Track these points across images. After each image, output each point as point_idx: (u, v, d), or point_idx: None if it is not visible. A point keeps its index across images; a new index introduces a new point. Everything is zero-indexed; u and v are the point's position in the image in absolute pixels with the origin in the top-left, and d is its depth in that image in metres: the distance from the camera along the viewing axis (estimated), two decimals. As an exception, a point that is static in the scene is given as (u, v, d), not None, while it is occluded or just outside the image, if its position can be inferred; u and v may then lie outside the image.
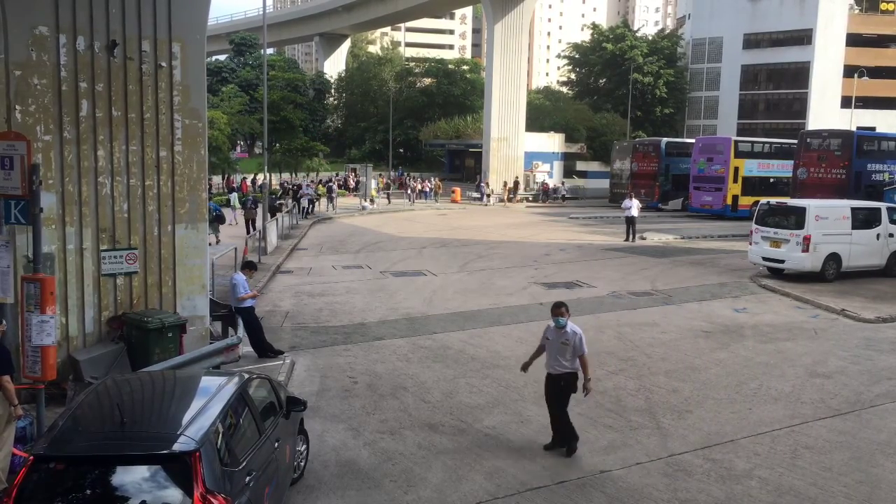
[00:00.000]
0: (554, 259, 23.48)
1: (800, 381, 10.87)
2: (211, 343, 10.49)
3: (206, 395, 5.89)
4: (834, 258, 18.48)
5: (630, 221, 27.88)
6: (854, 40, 61.85)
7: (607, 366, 11.62)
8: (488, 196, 46.86)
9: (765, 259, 19.29)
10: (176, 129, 10.29)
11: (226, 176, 45.83)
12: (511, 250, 25.49)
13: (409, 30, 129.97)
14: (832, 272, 18.54)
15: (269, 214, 30.35)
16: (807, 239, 18.13)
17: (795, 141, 37.68)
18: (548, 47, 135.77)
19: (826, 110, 60.19)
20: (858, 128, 46.69)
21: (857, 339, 13.30)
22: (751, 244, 19.79)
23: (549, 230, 32.33)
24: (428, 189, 48.17)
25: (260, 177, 48.41)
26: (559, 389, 8.42)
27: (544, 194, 49.53)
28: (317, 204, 37.90)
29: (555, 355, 8.35)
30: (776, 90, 65.30)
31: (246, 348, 11.92)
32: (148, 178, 10.14)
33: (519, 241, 28.31)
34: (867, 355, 12.25)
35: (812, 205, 18.56)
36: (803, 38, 61.92)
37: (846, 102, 59.34)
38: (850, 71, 59.81)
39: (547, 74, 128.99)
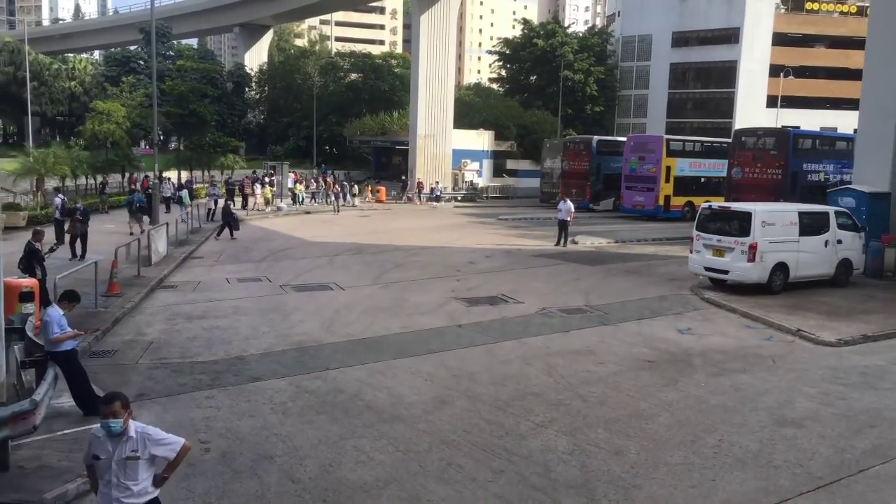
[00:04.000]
0: (479, 268, 21.27)
1: (767, 432, 8.85)
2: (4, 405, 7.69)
3: None
4: (781, 268, 16.82)
5: (562, 225, 25.99)
6: (780, 40, 62.09)
7: (534, 415, 9.36)
8: (341, 196, 40.29)
9: (707, 269, 17.51)
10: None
11: (128, 174, 41.90)
12: (433, 257, 23.17)
13: (338, 24, 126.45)
14: (779, 283, 16.89)
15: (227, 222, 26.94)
16: (753, 247, 16.40)
17: (727, 140, 36.78)
18: (479, 44, 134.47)
19: (752, 109, 60.17)
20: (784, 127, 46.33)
21: (821, 369, 11.45)
22: (692, 252, 17.99)
23: (476, 233, 30.19)
24: (307, 188, 40.93)
25: (166, 175, 44.82)
26: None
27: (418, 194, 45.59)
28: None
29: (116, 484, 4.94)
30: (704, 89, 65.09)
31: (68, 403, 9.19)
32: None
33: (443, 246, 26.05)
34: (838, 392, 10.37)
35: (758, 209, 16.84)
36: (730, 36, 61.78)
37: (772, 102, 59.50)
38: (775, 70, 60.01)
39: (479, 72, 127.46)
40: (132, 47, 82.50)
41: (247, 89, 73.57)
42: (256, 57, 79.30)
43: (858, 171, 21.50)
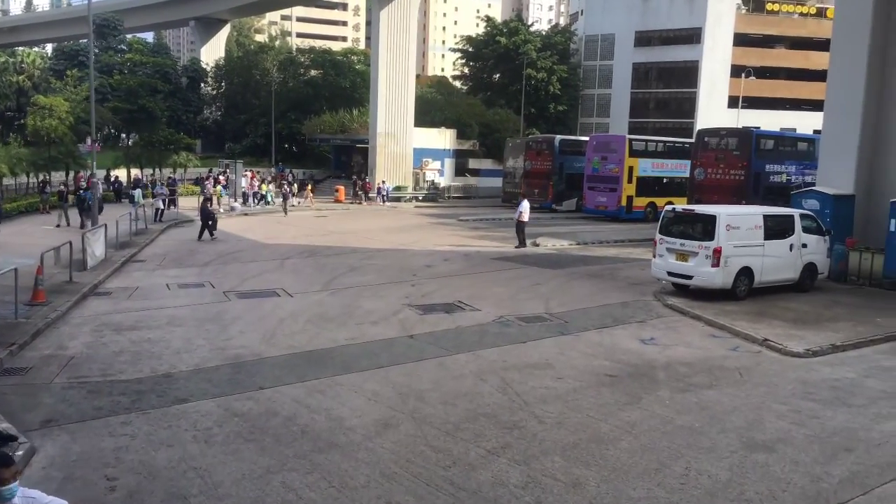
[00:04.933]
0: (436, 271, 20.43)
1: (737, 458, 8.15)
2: None
3: None
4: (746, 273, 16.28)
5: (518, 226, 25.33)
6: (741, 40, 62.38)
7: (485, 440, 8.53)
8: (285, 198, 37.36)
9: (670, 274, 16.88)
10: None
11: (74, 172, 39.99)
12: (389, 260, 22.27)
13: (299, 19, 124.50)
14: (744, 289, 16.34)
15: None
16: (717, 251, 15.82)
17: (690, 140, 36.49)
18: (443, 42, 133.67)
19: (714, 110, 60.34)
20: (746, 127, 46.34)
21: (790, 384, 10.83)
22: (654, 256, 17.37)
23: (435, 235, 29.35)
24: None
25: (114, 173, 43.13)
26: None
27: (365, 194, 43.89)
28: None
29: None
30: (666, 89, 65.22)
31: (-42, 434, 8.09)
32: None
33: (400, 248, 25.14)
34: (809, 409, 9.74)
35: (723, 212, 16.26)
36: (692, 36, 61.92)
37: (733, 102, 59.65)
38: (736, 71, 60.24)
39: (443, 70, 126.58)
40: (83, 41, 79.72)
41: (202, 85, 71.52)
42: (213, 52, 77.10)
43: (822, 173, 21.14)
